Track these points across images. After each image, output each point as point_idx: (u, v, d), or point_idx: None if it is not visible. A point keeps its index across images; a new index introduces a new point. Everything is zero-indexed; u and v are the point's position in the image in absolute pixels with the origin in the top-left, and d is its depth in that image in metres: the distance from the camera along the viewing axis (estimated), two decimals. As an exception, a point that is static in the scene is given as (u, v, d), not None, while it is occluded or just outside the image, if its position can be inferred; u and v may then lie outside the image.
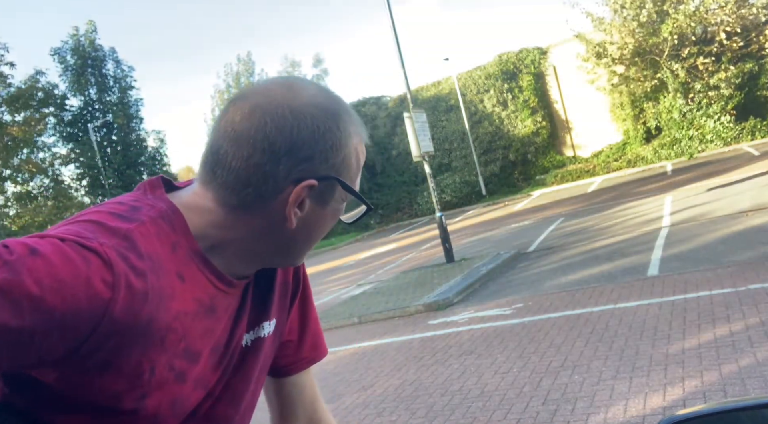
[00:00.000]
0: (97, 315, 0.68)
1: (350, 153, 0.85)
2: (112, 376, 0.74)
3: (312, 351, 1.09)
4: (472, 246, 12.71)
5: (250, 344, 0.93)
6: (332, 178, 0.84)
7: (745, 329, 4.46)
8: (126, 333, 0.72)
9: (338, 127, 0.83)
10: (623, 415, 3.56)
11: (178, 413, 0.83)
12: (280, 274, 0.99)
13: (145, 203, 0.82)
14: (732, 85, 20.03)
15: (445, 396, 4.55)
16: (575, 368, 4.46)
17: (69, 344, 0.69)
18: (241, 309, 0.90)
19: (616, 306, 5.83)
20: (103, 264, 0.69)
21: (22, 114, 25.70)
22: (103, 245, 0.71)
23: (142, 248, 0.75)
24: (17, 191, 26.10)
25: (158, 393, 0.78)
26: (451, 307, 7.69)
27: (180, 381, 0.80)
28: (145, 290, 0.73)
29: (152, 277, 0.74)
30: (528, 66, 25.09)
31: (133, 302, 0.71)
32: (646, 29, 20.28)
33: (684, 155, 19.99)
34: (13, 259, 0.65)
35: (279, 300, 0.99)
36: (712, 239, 7.88)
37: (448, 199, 24.41)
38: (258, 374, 0.97)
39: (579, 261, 8.52)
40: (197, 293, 0.81)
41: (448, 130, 26.73)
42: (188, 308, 0.80)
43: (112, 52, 29.06)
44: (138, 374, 0.75)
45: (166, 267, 0.77)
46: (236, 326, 0.89)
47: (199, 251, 0.82)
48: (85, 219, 0.77)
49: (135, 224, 0.77)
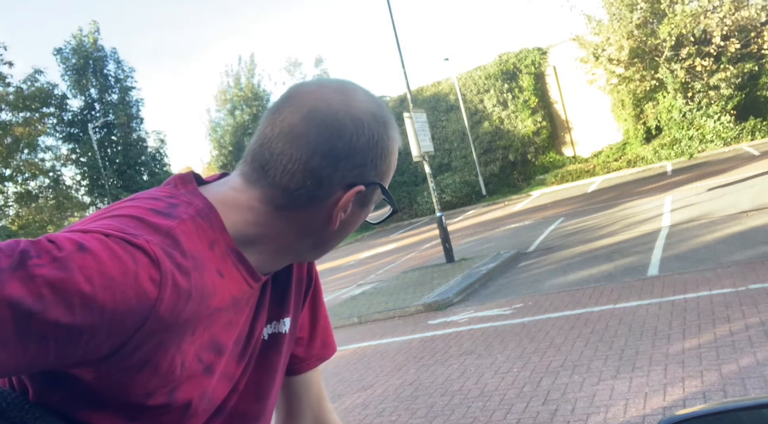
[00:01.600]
0: (144, 313, 0.68)
1: (394, 159, 0.90)
2: (148, 374, 0.73)
3: (322, 349, 1.09)
4: (472, 246, 12.71)
5: (268, 338, 0.93)
6: (377, 184, 0.87)
7: (745, 329, 4.46)
8: (168, 331, 0.72)
9: (388, 135, 0.87)
10: (623, 415, 3.56)
11: (207, 408, 0.82)
12: (296, 270, 0.99)
13: (182, 200, 0.81)
14: (732, 85, 20.03)
15: (445, 396, 4.55)
16: (575, 368, 4.46)
17: (114, 342, 0.68)
18: (261, 302, 0.91)
19: (616, 306, 5.83)
20: (150, 262, 0.69)
21: (23, 114, 25.69)
22: (149, 243, 0.70)
23: (185, 246, 0.74)
24: (18, 191, 26.10)
25: (187, 386, 0.78)
26: (451, 307, 7.69)
27: (208, 373, 0.80)
28: (189, 289, 0.73)
29: (196, 275, 0.74)
30: (528, 66, 25.08)
31: (178, 300, 0.71)
32: (643, 30, 20.27)
33: (684, 155, 19.99)
34: (62, 255, 0.64)
35: (295, 297, 1.00)
36: (712, 239, 7.88)
37: (448, 199, 24.41)
38: (281, 368, 0.97)
39: (579, 261, 8.52)
40: (234, 290, 0.82)
41: (448, 130, 26.73)
42: (224, 305, 0.80)
43: (114, 53, 29.08)
44: (172, 370, 0.75)
45: (207, 265, 0.77)
46: (256, 319, 0.90)
47: (235, 248, 0.82)
48: (124, 214, 0.76)
49: (176, 222, 0.76)
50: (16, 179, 25.89)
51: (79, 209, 26.80)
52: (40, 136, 26.63)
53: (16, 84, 25.23)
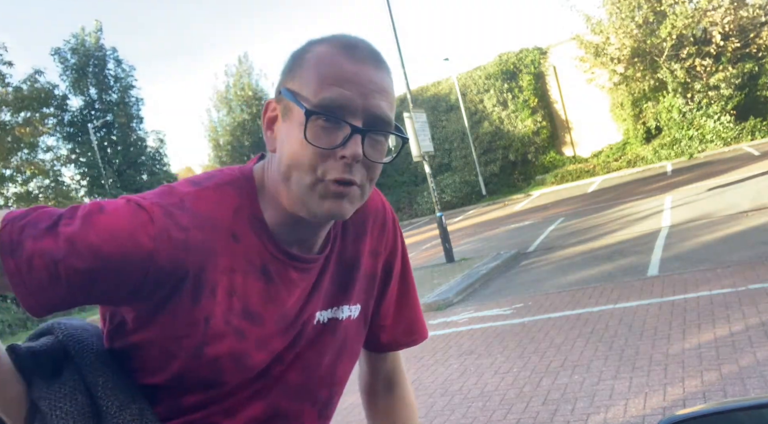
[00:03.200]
0: (144, 262, 0.80)
1: (308, 62, 0.84)
2: (169, 318, 0.84)
3: (406, 336, 1.14)
4: (472, 246, 12.70)
5: (327, 322, 0.98)
6: (284, 91, 0.85)
7: (745, 329, 4.46)
8: (173, 280, 0.82)
9: (305, 47, 0.86)
10: (623, 415, 3.56)
11: (242, 368, 0.89)
12: (366, 262, 1.03)
13: (225, 172, 0.91)
14: (732, 85, 20.01)
15: (445, 396, 4.55)
16: (575, 368, 4.46)
17: (129, 285, 0.80)
18: (316, 287, 0.95)
19: (616, 306, 5.83)
20: (149, 220, 0.80)
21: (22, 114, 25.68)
22: (153, 204, 0.82)
23: (194, 208, 0.84)
24: (18, 191, 26.09)
25: (218, 344, 0.86)
26: (451, 307, 7.69)
27: (240, 337, 0.87)
28: (186, 242, 0.82)
29: (196, 232, 0.83)
30: (528, 66, 25.07)
31: (175, 251, 0.81)
32: (643, 30, 20.27)
33: (684, 155, 19.98)
34: (84, 214, 0.79)
35: (364, 286, 1.04)
36: (712, 239, 7.88)
37: (448, 199, 24.41)
38: (338, 352, 1.01)
39: (579, 261, 8.52)
40: (250, 255, 0.88)
41: (448, 130, 26.72)
42: (237, 266, 0.87)
43: (113, 52, 29.06)
44: (193, 322, 0.84)
45: (218, 226, 0.85)
46: (308, 301, 0.95)
47: (259, 217, 0.89)
48: (172, 184, 0.89)
49: (196, 189, 0.87)
50: (16, 179, 25.89)
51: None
52: (41, 136, 26.62)
53: (15, 84, 25.21)
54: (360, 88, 0.82)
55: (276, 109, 0.87)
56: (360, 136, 0.81)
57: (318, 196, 0.83)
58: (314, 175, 0.82)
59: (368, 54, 0.85)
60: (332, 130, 0.81)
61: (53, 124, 27.79)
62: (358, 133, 0.81)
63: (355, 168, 0.83)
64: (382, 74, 0.85)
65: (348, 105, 0.81)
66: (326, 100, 0.80)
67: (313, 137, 0.81)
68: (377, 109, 0.83)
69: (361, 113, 0.82)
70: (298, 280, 0.92)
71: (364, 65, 0.83)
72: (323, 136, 0.81)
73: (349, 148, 0.81)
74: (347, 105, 0.81)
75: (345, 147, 0.81)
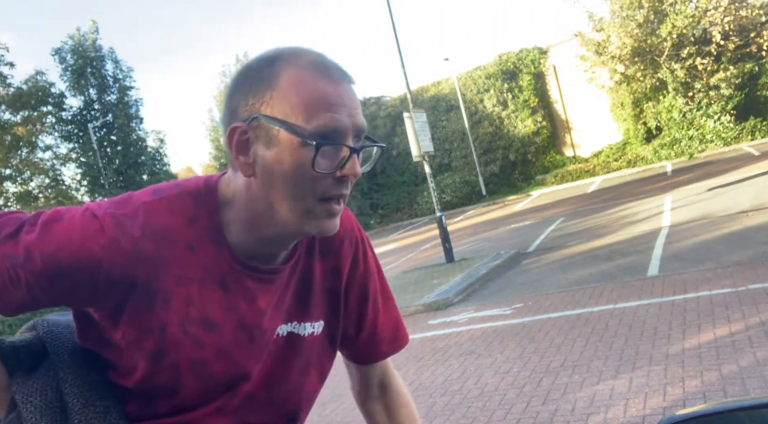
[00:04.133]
0: (94, 270, 0.83)
1: (282, 86, 0.84)
2: (127, 323, 0.87)
3: (390, 345, 1.15)
4: (472, 246, 12.70)
5: (289, 336, 0.99)
6: (259, 116, 0.84)
7: (745, 329, 4.46)
8: (124, 287, 0.85)
9: (271, 68, 0.85)
10: (623, 415, 3.56)
11: (202, 377, 0.91)
12: (319, 277, 1.03)
13: (190, 182, 0.93)
14: (732, 85, 20.01)
15: (445, 396, 4.55)
16: (575, 368, 4.46)
17: (83, 291, 0.85)
18: (279, 301, 0.97)
19: (616, 306, 5.83)
20: (101, 229, 0.84)
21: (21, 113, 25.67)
22: (106, 214, 0.85)
23: (147, 218, 0.87)
24: (18, 191, 26.10)
25: (176, 352, 0.88)
26: (451, 307, 7.69)
27: (197, 346, 0.89)
28: (136, 252, 0.85)
29: (146, 242, 0.86)
30: (528, 66, 25.07)
31: (124, 261, 0.84)
32: (644, 30, 20.27)
33: (684, 155, 19.98)
34: (44, 221, 0.84)
35: (326, 303, 1.04)
36: (712, 239, 7.88)
37: (448, 199, 24.40)
38: (304, 369, 1.02)
39: (579, 261, 8.52)
40: (207, 265, 0.90)
41: (448, 130, 26.71)
42: (193, 275, 0.89)
43: (111, 53, 29.07)
44: (149, 329, 0.87)
45: (172, 237, 0.87)
46: (270, 313, 0.96)
47: (218, 229, 0.90)
48: (133, 192, 0.92)
49: (154, 199, 0.89)
50: (16, 179, 25.89)
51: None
52: (40, 135, 26.62)
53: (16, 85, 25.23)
54: (347, 110, 0.85)
55: (247, 134, 0.85)
56: (356, 155, 0.86)
57: (314, 217, 0.87)
58: (313, 198, 0.85)
59: (341, 72, 0.87)
60: (332, 153, 0.85)
61: (52, 123, 27.80)
62: (354, 153, 0.86)
63: (348, 183, 0.88)
64: (354, 88, 0.88)
65: (342, 128, 0.84)
66: (322, 127, 0.83)
67: (318, 164, 0.84)
68: (362, 124, 0.87)
69: (351, 132, 0.86)
70: (257, 291, 0.93)
71: (342, 85, 0.86)
72: (324, 161, 0.84)
73: (349, 168, 0.85)
74: (341, 128, 0.84)
75: (344, 168, 0.85)
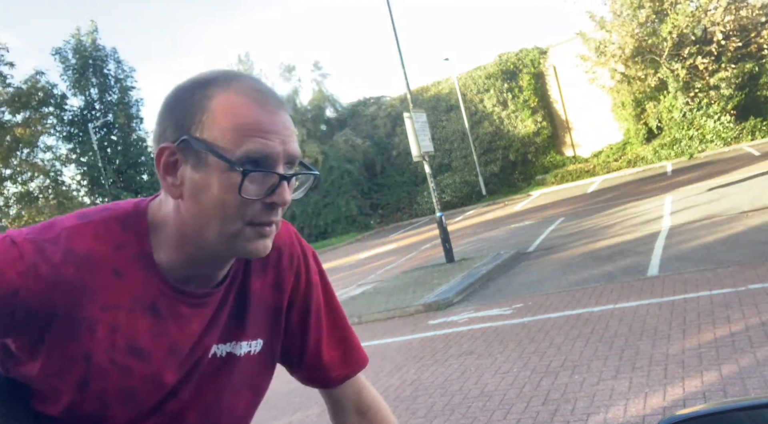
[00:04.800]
0: (11, 299, 0.80)
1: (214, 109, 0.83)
2: (48, 353, 0.84)
3: (345, 367, 1.10)
4: (472, 246, 12.71)
5: (224, 356, 0.96)
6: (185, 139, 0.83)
7: (745, 329, 4.46)
8: (44, 316, 0.82)
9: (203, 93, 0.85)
10: (623, 415, 3.56)
11: (130, 404, 0.88)
12: (258, 293, 1.00)
13: (119, 206, 0.91)
14: (732, 85, 20.01)
15: (445, 396, 4.55)
16: (575, 368, 4.46)
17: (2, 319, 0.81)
18: (214, 321, 0.94)
19: (616, 306, 5.83)
20: (19, 256, 0.81)
21: (22, 114, 25.67)
22: (26, 240, 0.83)
23: (69, 244, 0.84)
24: (18, 191, 26.09)
25: (103, 380, 0.86)
26: (451, 307, 7.69)
27: (126, 375, 0.87)
28: (56, 279, 0.82)
29: (68, 268, 0.83)
30: (528, 66, 25.08)
31: (43, 288, 0.81)
32: (645, 29, 20.27)
33: (684, 155, 19.98)
34: None
35: (266, 320, 1.01)
36: (712, 239, 7.88)
37: (448, 199, 24.39)
38: (238, 389, 0.99)
39: (579, 261, 8.52)
40: (135, 292, 0.87)
41: (449, 131, 26.70)
42: (121, 303, 0.86)
43: (114, 52, 29.07)
44: (72, 359, 0.84)
45: (97, 263, 0.85)
46: (204, 335, 0.93)
47: (147, 253, 0.88)
48: (58, 217, 0.89)
49: (78, 223, 0.87)
50: (16, 179, 25.88)
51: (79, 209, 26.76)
52: (41, 136, 26.61)
53: (16, 84, 25.22)
54: (279, 137, 0.84)
55: (176, 155, 0.85)
56: (286, 183, 0.85)
57: (244, 240, 0.85)
58: (241, 222, 0.84)
59: (277, 100, 0.87)
60: (261, 179, 0.84)
61: (53, 123, 27.79)
62: (284, 181, 0.85)
63: (279, 209, 0.87)
64: (288, 115, 0.88)
65: (272, 155, 0.83)
66: (252, 152, 0.82)
67: (245, 189, 0.82)
68: (294, 152, 0.86)
69: (282, 159, 0.85)
70: (191, 315, 0.92)
71: (277, 113, 0.85)
72: (252, 186, 0.83)
73: (278, 195, 0.84)
74: (272, 155, 0.83)
75: (274, 194, 0.84)
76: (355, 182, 27.30)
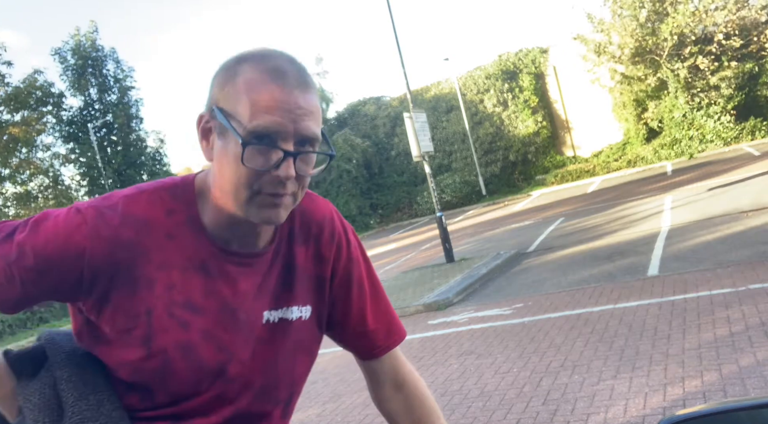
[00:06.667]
0: (79, 260, 0.91)
1: (239, 85, 0.90)
2: (114, 311, 0.93)
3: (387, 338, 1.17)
4: (472, 246, 12.71)
5: (277, 322, 1.03)
6: (217, 111, 0.91)
7: (745, 329, 4.46)
8: (107, 275, 0.92)
9: (235, 65, 0.92)
10: (623, 415, 3.56)
11: (191, 361, 0.96)
12: (302, 262, 1.07)
13: (168, 180, 1.02)
14: (732, 85, 20.01)
15: (445, 396, 4.55)
16: (575, 368, 4.46)
17: (70, 281, 0.92)
18: (263, 287, 1.02)
19: (616, 306, 5.83)
20: (83, 221, 0.92)
21: (21, 113, 25.65)
22: (89, 208, 0.94)
23: (125, 210, 0.94)
24: (17, 191, 26.08)
25: (163, 336, 0.94)
26: (451, 307, 7.69)
27: (184, 328, 0.95)
28: (116, 240, 0.92)
29: (126, 230, 0.93)
30: (528, 66, 25.06)
31: (106, 248, 0.91)
32: (645, 30, 20.26)
33: (684, 155, 19.97)
34: (34, 221, 0.94)
35: (312, 288, 1.08)
36: (712, 239, 7.88)
37: (448, 199, 24.40)
38: (293, 353, 1.06)
39: (579, 261, 8.52)
40: (187, 252, 0.96)
41: (449, 131, 26.68)
42: (174, 262, 0.95)
43: (113, 53, 29.04)
44: (135, 314, 0.93)
45: (151, 226, 0.95)
46: (254, 298, 1.01)
47: (195, 218, 0.98)
48: (116, 190, 1.00)
49: (135, 192, 0.98)
50: (15, 179, 25.87)
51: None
52: (39, 135, 26.59)
53: (15, 84, 25.20)
54: (290, 115, 0.88)
55: (210, 122, 0.93)
56: (292, 159, 0.89)
57: (255, 206, 0.92)
58: (251, 190, 0.90)
59: (296, 79, 0.90)
60: (267, 152, 0.89)
61: (53, 123, 27.77)
62: (290, 157, 0.89)
63: (288, 184, 0.91)
64: (309, 96, 0.91)
65: (280, 131, 0.88)
66: (260, 127, 0.87)
67: (249, 160, 0.88)
68: (306, 131, 0.90)
69: (292, 137, 0.89)
70: (237, 274, 0.99)
71: (293, 92, 0.89)
72: (258, 158, 0.89)
73: (282, 170, 0.89)
74: (280, 131, 0.88)
75: (278, 169, 0.89)
76: (355, 182, 27.30)
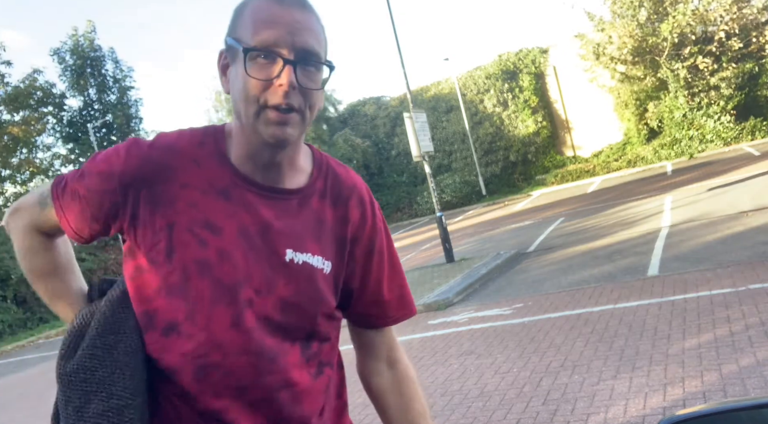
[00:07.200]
0: (111, 178, 1.04)
1: (246, 13, 0.99)
2: (142, 228, 1.04)
3: (399, 310, 1.22)
4: (472, 246, 12.70)
5: (301, 264, 1.07)
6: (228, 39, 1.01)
7: (745, 329, 4.45)
8: (136, 189, 1.03)
9: (245, 2, 1.01)
10: (623, 415, 3.56)
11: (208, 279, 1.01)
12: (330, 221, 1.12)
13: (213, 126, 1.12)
14: (732, 85, 20.01)
15: (445, 396, 4.54)
16: (575, 368, 4.46)
17: (114, 196, 1.04)
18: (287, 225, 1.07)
19: (616, 306, 5.83)
20: (125, 147, 1.07)
21: (21, 113, 25.64)
22: (132, 140, 1.09)
23: (160, 139, 1.08)
24: (17, 191, 26.06)
25: (183, 250, 1.02)
26: (451, 307, 7.69)
27: (202, 246, 1.02)
28: (145, 158, 1.05)
29: (156, 152, 1.06)
30: (528, 66, 25.05)
31: (135, 164, 1.04)
32: (645, 29, 20.26)
33: (684, 155, 19.98)
34: (93, 156, 1.09)
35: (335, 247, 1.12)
36: (712, 239, 7.88)
37: (448, 199, 24.39)
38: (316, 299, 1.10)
39: (579, 261, 8.52)
40: (210, 177, 1.05)
41: (449, 132, 26.68)
42: (197, 184, 1.04)
43: (111, 52, 29.02)
44: (159, 228, 1.03)
45: (179, 151, 1.06)
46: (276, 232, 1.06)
47: (222, 152, 1.07)
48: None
49: (177, 131, 1.10)
50: (15, 179, 25.86)
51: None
52: (39, 135, 26.58)
53: (14, 84, 25.18)
54: (288, 28, 0.96)
55: (227, 58, 1.03)
56: (292, 67, 0.96)
57: (263, 123, 0.98)
58: (257, 104, 0.97)
59: (296, 1, 0.99)
60: (269, 65, 0.96)
61: (53, 124, 27.74)
62: (289, 65, 0.96)
63: (292, 95, 0.97)
64: (307, 16, 0.99)
65: (279, 42, 0.96)
66: (261, 41, 0.96)
67: (253, 71, 0.96)
68: (305, 44, 0.97)
69: (291, 48, 0.96)
70: (259, 205, 1.05)
71: (291, 9, 0.98)
72: (262, 70, 0.96)
73: (284, 77, 0.95)
74: (278, 42, 0.96)
75: (280, 77, 0.96)
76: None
